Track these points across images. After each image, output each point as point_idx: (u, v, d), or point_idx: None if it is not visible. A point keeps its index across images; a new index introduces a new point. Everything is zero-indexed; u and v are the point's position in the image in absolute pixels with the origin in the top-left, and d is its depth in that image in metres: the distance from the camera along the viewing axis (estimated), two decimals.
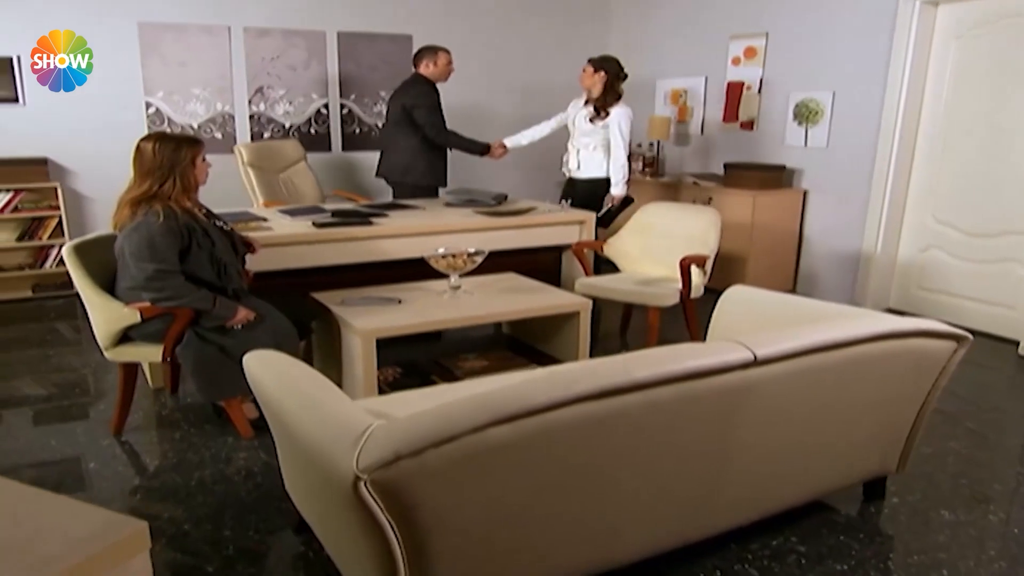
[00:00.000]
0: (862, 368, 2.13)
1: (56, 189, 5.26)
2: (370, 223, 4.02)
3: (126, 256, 2.91)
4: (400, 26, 6.33)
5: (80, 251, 3.05)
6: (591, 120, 4.85)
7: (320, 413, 1.82)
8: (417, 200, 4.93)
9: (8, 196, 5.17)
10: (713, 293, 3.50)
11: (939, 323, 2.28)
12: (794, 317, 2.76)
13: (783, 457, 2.14)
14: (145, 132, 5.51)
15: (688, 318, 4.15)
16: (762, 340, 1.96)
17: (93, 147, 5.46)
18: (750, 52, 5.81)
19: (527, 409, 1.64)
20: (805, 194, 5.54)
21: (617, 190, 4.82)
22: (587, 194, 4.92)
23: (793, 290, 5.65)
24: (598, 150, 4.91)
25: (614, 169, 4.81)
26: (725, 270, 5.40)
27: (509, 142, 5.27)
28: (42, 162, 5.28)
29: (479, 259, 3.63)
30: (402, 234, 4.00)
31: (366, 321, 3.19)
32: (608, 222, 4.84)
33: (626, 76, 4.91)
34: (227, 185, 5.68)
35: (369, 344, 3.14)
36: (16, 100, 5.24)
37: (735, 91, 5.96)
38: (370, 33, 6.23)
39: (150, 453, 3.05)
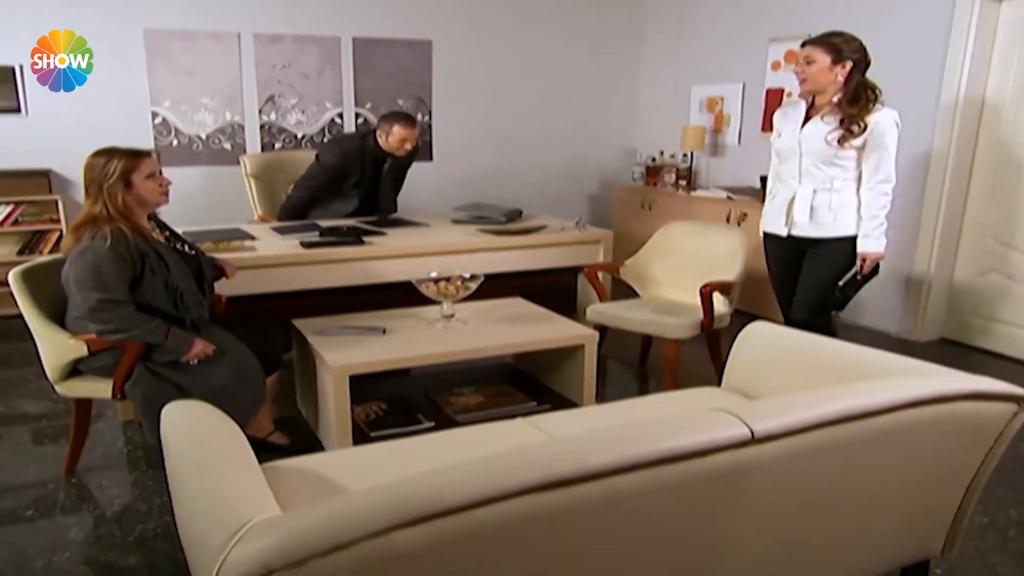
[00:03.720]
0: (895, 440, 1.72)
1: (57, 202, 5.07)
2: (362, 242, 3.71)
3: (71, 284, 2.64)
4: (419, 31, 6.04)
5: (28, 276, 2.79)
6: (841, 140, 3.02)
7: (209, 488, 1.50)
8: (424, 216, 4.61)
9: (8, 209, 5.00)
10: (745, 318, 3.10)
11: (994, 381, 1.85)
12: (819, 364, 2.36)
13: (789, 555, 1.74)
14: (151, 144, 5.37)
15: (712, 350, 3.75)
16: (763, 410, 1.57)
17: None
18: (791, 56, 5.37)
19: (443, 507, 1.28)
20: None
21: (872, 245, 3.09)
22: (833, 264, 3.17)
23: (836, 315, 5.17)
24: (848, 189, 3.11)
25: (871, 209, 3.07)
26: (759, 293, 4.95)
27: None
28: (44, 174, 5.10)
29: (474, 285, 3.29)
30: (395, 255, 3.68)
31: (340, 356, 2.87)
32: (848, 296, 3.20)
33: (870, 62, 3.10)
34: (238, 199, 5.46)
35: (341, 382, 2.81)
36: (18, 110, 5.07)
37: (775, 98, 5.52)
38: (387, 39, 5.94)
39: (97, 499, 2.76)
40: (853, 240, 3.13)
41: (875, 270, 3.17)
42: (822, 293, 3.20)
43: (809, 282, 3.23)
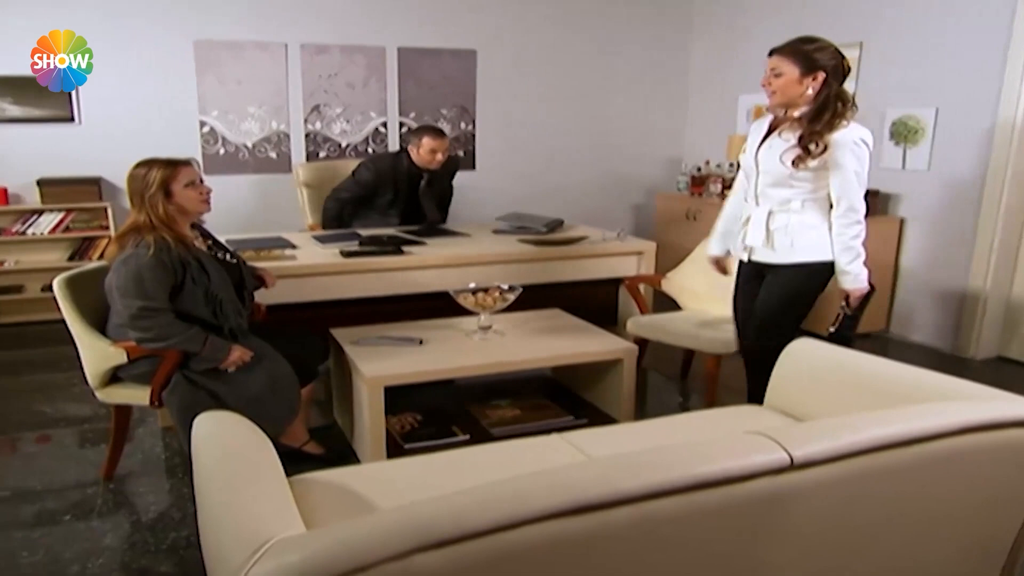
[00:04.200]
0: (945, 469, 1.63)
1: (106, 209, 5.17)
2: (401, 252, 3.70)
3: (113, 291, 2.67)
4: (464, 41, 6.03)
5: (72, 284, 2.83)
6: (796, 162, 2.65)
7: (234, 503, 1.48)
8: (465, 226, 4.60)
9: (60, 216, 5.12)
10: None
11: None
12: (866, 385, 2.26)
13: None
14: (199, 152, 5.46)
15: None
16: (803, 434, 1.50)
17: None
18: None
19: (467, 531, 1.24)
20: (902, 222, 4.91)
21: (852, 282, 2.78)
22: (786, 291, 2.83)
23: (886, 329, 5.02)
24: (810, 209, 2.75)
25: (841, 242, 2.72)
26: None
27: (719, 249, 3.24)
28: (95, 182, 5.20)
29: (512, 296, 3.25)
30: (434, 265, 3.66)
31: (376, 366, 2.86)
32: (849, 338, 2.88)
33: (849, 69, 2.72)
34: (285, 206, 5.52)
35: (376, 393, 2.80)
36: (72, 119, 5.19)
37: None
38: (432, 48, 5.95)
39: (133, 504, 2.78)
40: (813, 267, 2.77)
41: (864, 303, 2.87)
42: (774, 319, 2.86)
43: (761, 307, 2.89)
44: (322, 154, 5.80)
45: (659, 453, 1.44)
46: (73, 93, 5.15)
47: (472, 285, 3.30)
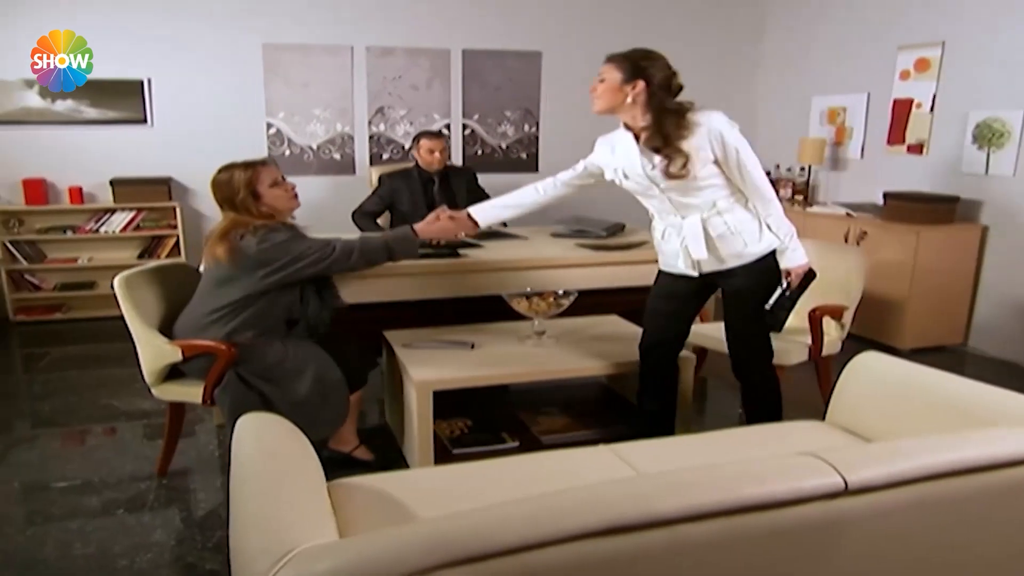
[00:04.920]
0: (1012, 500, 1.51)
1: (175, 209, 5.30)
2: (457, 255, 3.67)
3: (272, 269, 2.69)
4: (529, 42, 5.99)
5: (130, 282, 2.88)
6: (668, 171, 2.51)
7: (265, 508, 1.46)
8: (525, 229, 4.55)
9: (131, 215, 5.27)
10: (859, 343, 2.86)
11: None
12: (936, 403, 2.12)
13: None
14: (265, 153, 5.55)
15: (821, 378, 3.50)
16: (861, 456, 1.40)
17: (213, 167, 5.44)
18: (922, 64, 5.01)
19: (492, 549, 1.19)
20: (984, 231, 4.66)
21: (792, 258, 2.63)
22: (763, 288, 2.68)
23: (964, 343, 4.77)
24: (737, 203, 2.62)
25: (772, 225, 2.62)
26: (877, 318, 4.64)
27: (480, 214, 3.07)
28: (165, 182, 5.34)
29: (567, 302, 3.18)
30: (490, 268, 3.61)
31: (425, 371, 2.83)
32: (781, 319, 2.72)
33: (680, 87, 2.58)
34: (349, 208, 5.55)
35: (425, 398, 2.76)
36: (144, 121, 5.34)
37: (902, 109, 5.17)
38: (497, 50, 5.93)
39: (184, 501, 2.82)
40: (769, 258, 2.64)
41: (806, 282, 2.71)
42: (756, 325, 2.73)
43: (736, 317, 2.76)
44: (385, 156, 5.84)
45: (700, 472, 1.36)
46: (146, 95, 5.29)
47: (528, 289, 3.25)
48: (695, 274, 2.72)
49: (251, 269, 2.68)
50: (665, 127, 2.49)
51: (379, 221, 4.66)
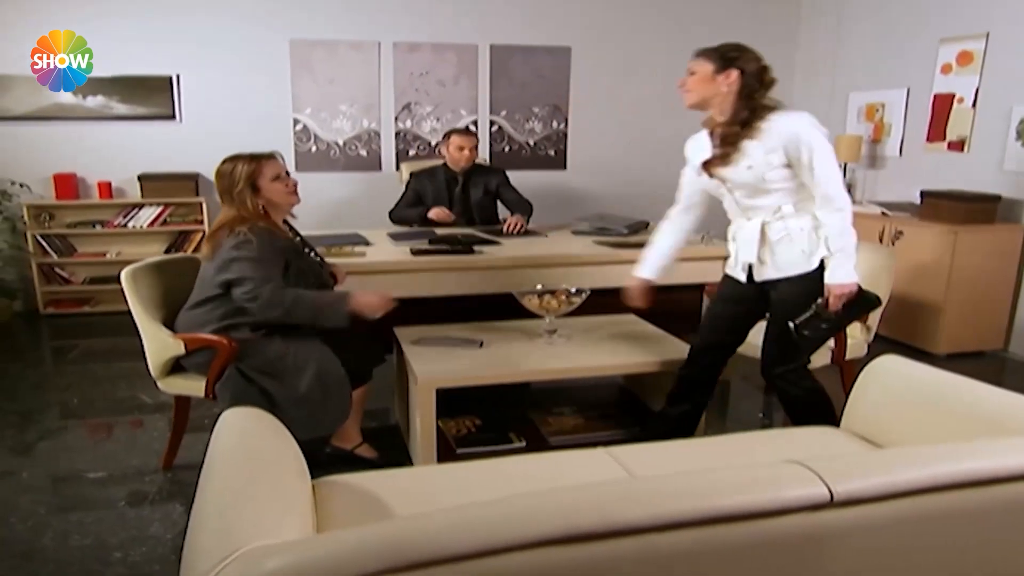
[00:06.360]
0: (1015, 517, 1.39)
1: (202, 204, 5.33)
2: (472, 252, 3.61)
3: (235, 275, 2.62)
4: (558, 38, 5.91)
5: (136, 276, 2.88)
6: (713, 160, 2.53)
7: (225, 504, 1.41)
8: (547, 226, 4.47)
9: (159, 210, 5.31)
10: (891, 346, 2.73)
11: None
12: (956, 411, 2.00)
13: None
14: (291, 149, 5.55)
15: (845, 381, 3.36)
16: (851, 466, 1.30)
17: None
18: (964, 58, 4.81)
19: (439, 555, 1.12)
20: None
21: (835, 275, 2.43)
22: (796, 305, 2.48)
23: (1005, 348, 4.56)
24: (804, 210, 2.48)
25: (829, 237, 2.44)
26: (912, 320, 4.46)
27: (649, 272, 2.96)
28: (192, 178, 5.38)
29: (578, 300, 3.10)
30: (504, 266, 3.55)
31: (430, 368, 2.77)
32: (809, 343, 2.55)
33: (773, 80, 2.48)
34: (372, 204, 5.53)
35: (428, 395, 2.71)
36: (173, 117, 5.38)
37: (943, 104, 4.97)
38: (525, 46, 5.85)
39: (185, 496, 2.79)
40: (815, 273, 2.49)
41: (857, 308, 2.51)
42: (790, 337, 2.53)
43: (779, 326, 2.57)
44: (412, 152, 5.80)
45: (673, 480, 1.27)
46: (175, 92, 5.33)
47: (539, 287, 3.18)
48: (743, 278, 2.63)
49: (216, 267, 2.66)
50: (741, 115, 2.43)
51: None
